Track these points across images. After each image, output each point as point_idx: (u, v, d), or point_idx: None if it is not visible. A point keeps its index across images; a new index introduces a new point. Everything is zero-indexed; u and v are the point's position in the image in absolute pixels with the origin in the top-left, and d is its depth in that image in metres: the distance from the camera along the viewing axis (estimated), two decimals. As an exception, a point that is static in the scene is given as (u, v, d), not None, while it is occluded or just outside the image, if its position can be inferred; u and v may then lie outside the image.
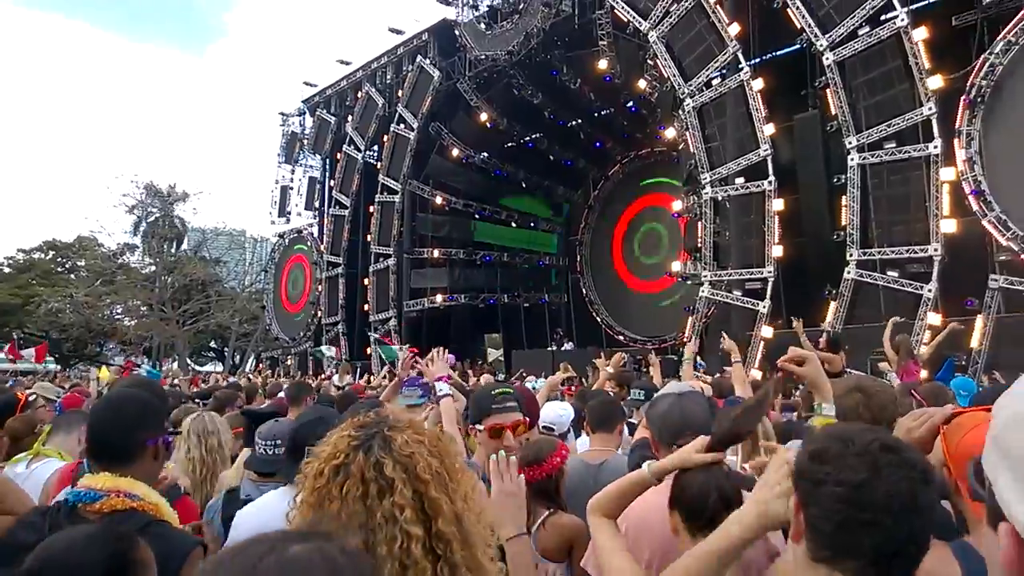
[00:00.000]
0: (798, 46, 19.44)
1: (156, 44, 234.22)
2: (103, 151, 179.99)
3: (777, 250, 18.77)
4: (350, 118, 33.68)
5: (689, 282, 22.09)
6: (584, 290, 34.51)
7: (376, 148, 32.85)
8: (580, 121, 30.48)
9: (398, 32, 31.67)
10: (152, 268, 44.59)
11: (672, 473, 2.18)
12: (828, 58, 17.83)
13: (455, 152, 30.96)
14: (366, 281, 32.18)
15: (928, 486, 1.35)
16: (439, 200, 31.65)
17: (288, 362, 35.86)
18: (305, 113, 37.90)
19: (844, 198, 17.91)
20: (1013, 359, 13.51)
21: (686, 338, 18.34)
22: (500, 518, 2.06)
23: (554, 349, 27.17)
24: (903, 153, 17.11)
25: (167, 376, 18.05)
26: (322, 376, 21.10)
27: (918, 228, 17.01)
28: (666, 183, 28.48)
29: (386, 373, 11.93)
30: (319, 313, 34.75)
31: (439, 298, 30.66)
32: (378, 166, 31.95)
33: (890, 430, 2.20)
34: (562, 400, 6.29)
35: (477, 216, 33.00)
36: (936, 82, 16.45)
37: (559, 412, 4.74)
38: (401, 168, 30.44)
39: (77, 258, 49.31)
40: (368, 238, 32.02)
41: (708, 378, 8.72)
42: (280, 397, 7.40)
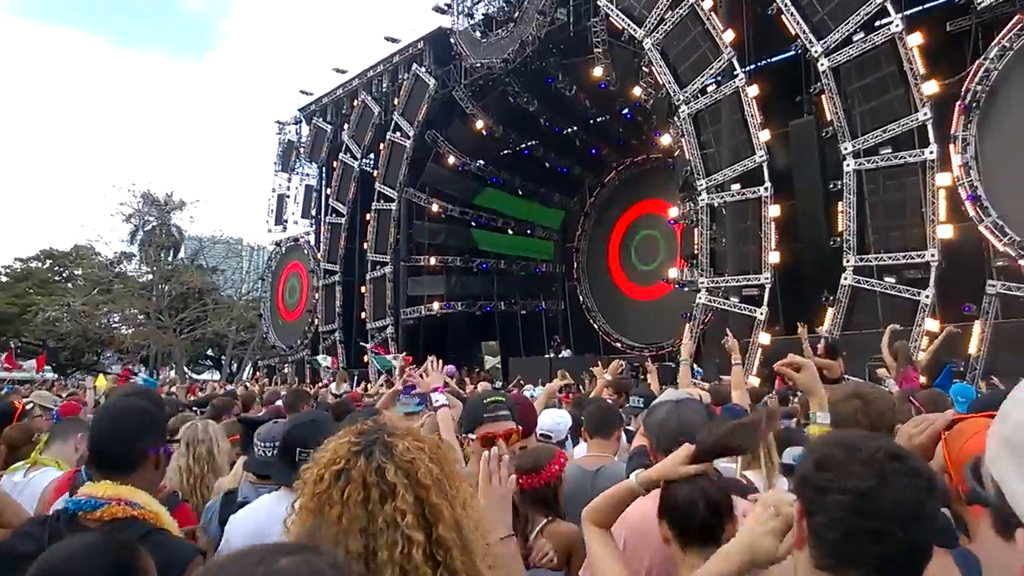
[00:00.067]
0: (793, 52, 19.46)
1: (154, 52, 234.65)
2: (100, 159, 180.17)
3: (774, 256, 18.79)
4: (346, 126, 33.75)
5: (686, 289, 22.09)
6: (581, 297, 34.42)
7: (372, 156, 32.90)
8: (576, 128, 30.42)
9: (394, 40, 31.73)
10: (149, 277, 44.44)
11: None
12: (823, 64, 17.88)
13: (451, 160, 30.94)
14: (363, 289, 32.18)
15: (933, 494, 1.34)
16: (435, 208, 31.65)
17: (285, 370, 35.77)
18: (301, 121, 37.96)
19: (840, 204, 17.94)
20: (1011, 365, 13.49)
21: (683, 340, 18.30)
22: (491, 520, 2.05)
23: (552, 356, 27.12)
24: (899, 159, 17.14)
25: (163, 384, 18.01)
26: (320, 384, 21.05)
27: (915, 234, 17.04)
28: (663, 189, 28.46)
29: (383, 381, 11.92)
30: (316, 321, 34.73)
31: (436, 306, 30.60)
32: (374, 174, 32.00)
33: (889, 436, 2.20)
34: (560, 407, 6.25)
35: (474, 223, 33.00)
36: (931, 87, 16.51)
37: (556, 420, 4.67)
38: (397, 176, 30.48)
39: (74, 267, 49.30)
40: (365, 246, 32.00)
41: (706, 385, 8.71)
42: (277, 405, 7.38)
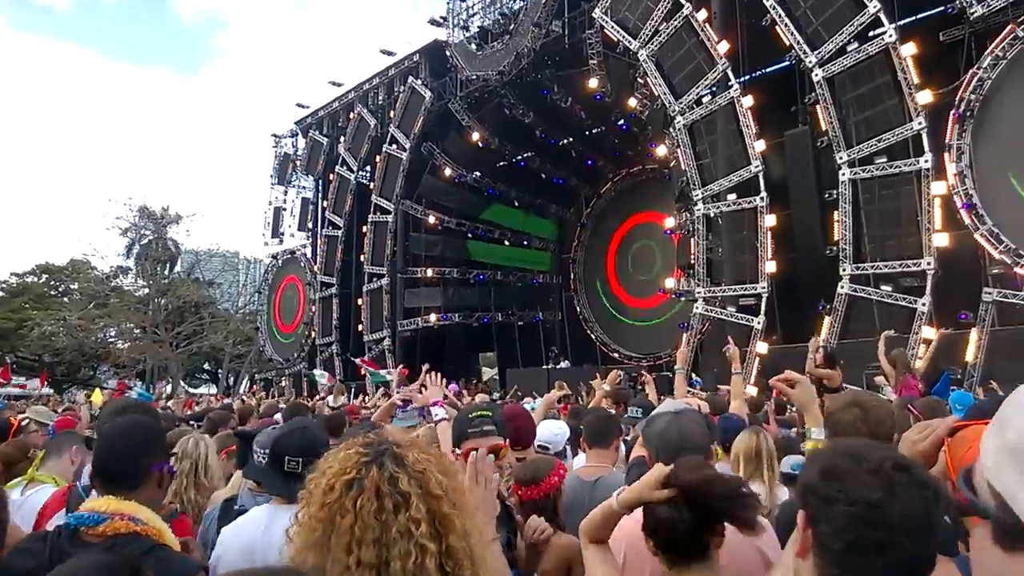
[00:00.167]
0: (787, 63, 19.58)
1: (151, 67, 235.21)
2: (97, 174, 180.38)
3: (770, 266, 18.80)
4: (342, 139, 33.80)
5: (683, 299, 22.08)
6: (578, 308, 34.38)
7: (369, 168, 32.89)
8: (571, 139, 30.54)
9: (390, 53, 31.84)
10: (145, 291, 44.47)
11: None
12: (817, 74, 17.95)
13: (447, 172, 30.98)
14: (360, 301, 32.16)
15: (940, 505, 1.33)
16: (432, 219, 31.66)
17: (282, 383, 35.70)
18: (298, 134, 37.99)
19: (836, 213, 17.98)
20: (1008, 372, 13.51)
21: (679, 348, 18.27)
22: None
23: (549, 367, 27.05)
24: (894, 168, 17.18)
25: (159, 398, 17.96)
26: (317, 397, 21.01)
27: (910, 242, 17.06)
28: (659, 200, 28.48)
29: (381, 394, 11.88)
30: (313, 334, 34.65)
31: (433, 317, 30.53)
32: (371, 186, 32.02)
33: (889, 444, 2.19)
34: (558, 419, 6.22)
35: (470, 235, 33.00)
36: (925, 97, 16.57)
37: (554, 431, 4.65)
38: (394, 188, 30.51)
39: (70, 281, 49.21)
40: (361, 258, 32.01)
41: (703, 394, 8.71)
42: (275, 419, 7.36)
